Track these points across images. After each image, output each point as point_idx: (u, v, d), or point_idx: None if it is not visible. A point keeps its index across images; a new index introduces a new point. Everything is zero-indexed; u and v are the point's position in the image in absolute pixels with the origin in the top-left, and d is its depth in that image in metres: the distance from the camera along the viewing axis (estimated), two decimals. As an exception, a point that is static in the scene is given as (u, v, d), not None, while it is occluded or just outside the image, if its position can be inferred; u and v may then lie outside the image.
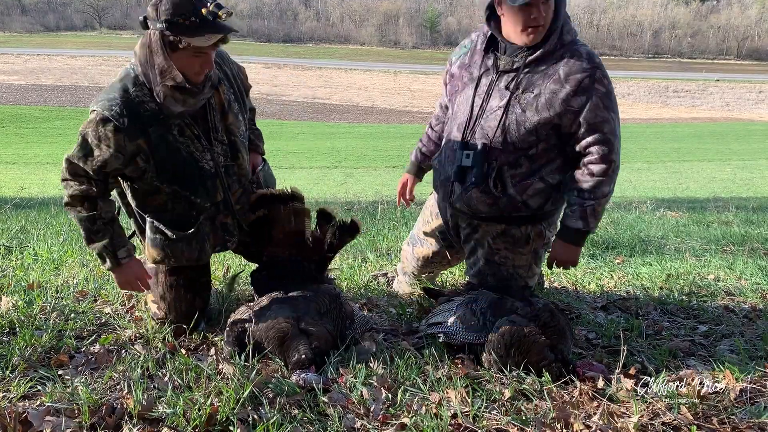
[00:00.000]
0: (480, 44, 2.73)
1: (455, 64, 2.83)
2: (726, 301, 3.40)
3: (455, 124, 2.74)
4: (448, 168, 2.77)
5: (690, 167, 23.41)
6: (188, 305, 2.69)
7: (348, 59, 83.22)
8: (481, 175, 2.63)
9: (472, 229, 2.88)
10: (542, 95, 2.51)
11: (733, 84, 70.36)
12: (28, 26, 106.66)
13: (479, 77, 2.66)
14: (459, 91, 2.75)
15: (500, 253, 2.82)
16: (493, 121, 2.58)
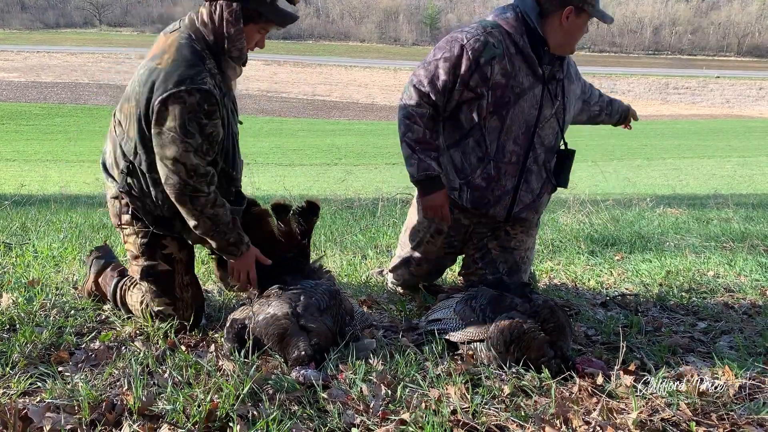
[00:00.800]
0: (515, 47, 2.62)
1: (493, 69, 2.60)
2: (725, 297, 3.41)
3: (509, 138, 2.73)
4: (506, 182, 2.79)
5: (690, 164, 23.39)
6: (200, 300, 2.75)
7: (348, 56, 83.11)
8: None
9: (492, 231, 2.98)
10: (571, 96, 2.85)
11: (733, 81, 70.30)
12: (28, 23, 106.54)
13: (530, 87, 2.69)
14: (511, 103, 2.65)
15: (517, 238, 2.97)
16: (549, 129, 2.78)
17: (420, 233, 3.04)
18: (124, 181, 2.52)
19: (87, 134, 32.36)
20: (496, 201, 2.81)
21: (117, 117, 2.54)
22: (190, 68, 2.30)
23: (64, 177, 16.10)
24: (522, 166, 2.76)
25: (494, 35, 2.61)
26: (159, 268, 2.62)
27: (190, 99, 2.27)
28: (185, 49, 2.35)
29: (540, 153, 2.80)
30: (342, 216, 6.41)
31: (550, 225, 5.75)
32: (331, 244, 4.80)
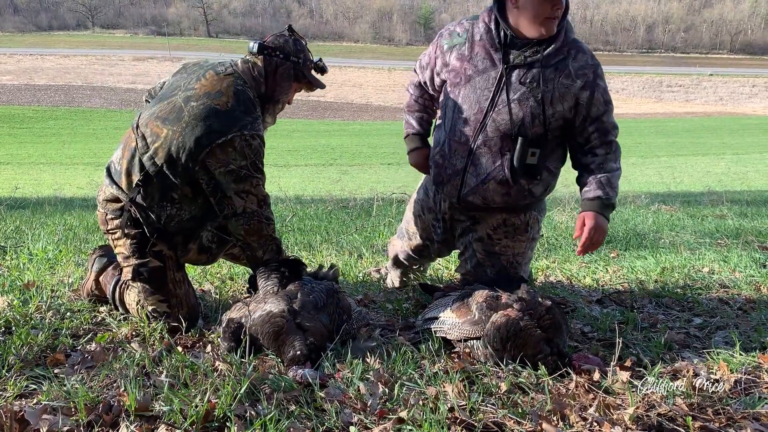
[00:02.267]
0: (482, 35, 2.69)
1: (452, 55, 2.77)
2: (720, 293, 3.42)
3: (460, 118, 2.73)
4: (456, 162, 2.78)
5: (684, 161, 23.47)
6: (194, 297, 2.79)
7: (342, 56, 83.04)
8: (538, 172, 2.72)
9: (472, 221, 2.92)
10: (556, 89, 2.62)
11: (726, 78, 70.57)
12: (21, 26, 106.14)
13: (485, 70, 2.67)
14: (462, 83, 2.72)
15: (501, 243, 2.89)
16: (506, 114, 2.64)
17: (416, 205, 3.19)
18: (137, 192, 2.58)
19: (81, 137, 32.25)
20: (447, 179, 2.84)
21: (141, 130, 2.59)
22: (249, 114, 2.56)
23: (58, 180, 16.03)
24: (470, 148, 2.73)
25: (464, 25, 2.78)
26: (150, 264, 2.64)
27: (254, 142, 2.53)
28: (243, 96, 2.58)
29: (493, 137, 2.67)
30: (338, 216, 6.41)
31: (545, 223, 5.76)
32: (327, 244, 4.80)
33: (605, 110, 2.69)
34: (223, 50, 71.65)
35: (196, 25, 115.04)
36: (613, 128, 2.72)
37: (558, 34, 2.63)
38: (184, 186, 2.56)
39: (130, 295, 2.75)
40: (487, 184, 2.74)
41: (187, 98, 2.54)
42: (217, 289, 3.32)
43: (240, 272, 3.61)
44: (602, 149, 2.70)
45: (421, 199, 3.15)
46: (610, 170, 2.69)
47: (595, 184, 2.68)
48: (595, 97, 2.65)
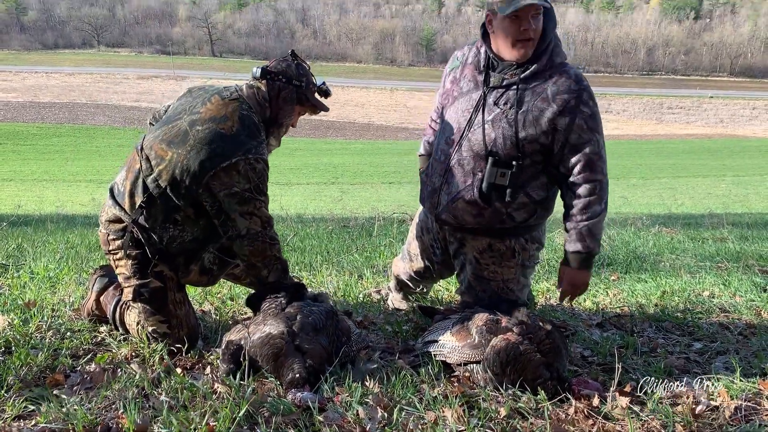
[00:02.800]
0: (472, 58, 2.77)
1: (448, 78, 2.88)
2: (721, 318, 3.41)
3: (443, 137, 2.81)
4: (435, 179, 2.84)
5: (685, 183, 23.53)
6: (194, 318, 2.80)
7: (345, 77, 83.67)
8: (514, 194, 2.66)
9: (459, 243, 2.94)
10: (529, 112, 2.57)
11: (726, 100, 70.93)
12: (27, 44, 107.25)
13: (468, 92, 2.73)
14: (449, 105, 2.81)
15: (489, 269, 2.88)
16: (479, 135, 2.65)
17: (417, 225, 3.21)
18: (140, 213, 2.60)
19: (84, 154, 32.42)
20: (428, 196, 2.90)
21: (146, 152, 2.62)
22: (254, 139, 2.59)
23: (61, 197, 16.09)
24: (447, 166, 2.76)
25: (464, 50, 2.86)
26: (151, 285, 2.65)
27: (258, 166, 2.57)
28: (248, 120, 2.62)
29: (466, 156, 2.68)
30: (338, 236, 6.41)
31: (546, 245, 5.75)
32: (328, 264, 4.80)
33: (589, 139, 2.56)
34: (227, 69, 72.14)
35: (201, 45, 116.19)
36: (599, 161, 2.58)
37: (539, 57, 2.58)
38: (187, 208, 2.58)
39: (130, 315, 2.76)
40: (456, 203, 2.75)
41: (192, 122, 2.57)
42: (217, 309, 3.32)
43: (240, 293, 3.61)
44: (585, 188, 2.59)
45: (421, 221, 3.17)
46: (593, 215, 2.60)
47: (576, 236, 2.63)
48: (575, 124, 2.54)
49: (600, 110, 2.71)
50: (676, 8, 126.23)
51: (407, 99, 67.30)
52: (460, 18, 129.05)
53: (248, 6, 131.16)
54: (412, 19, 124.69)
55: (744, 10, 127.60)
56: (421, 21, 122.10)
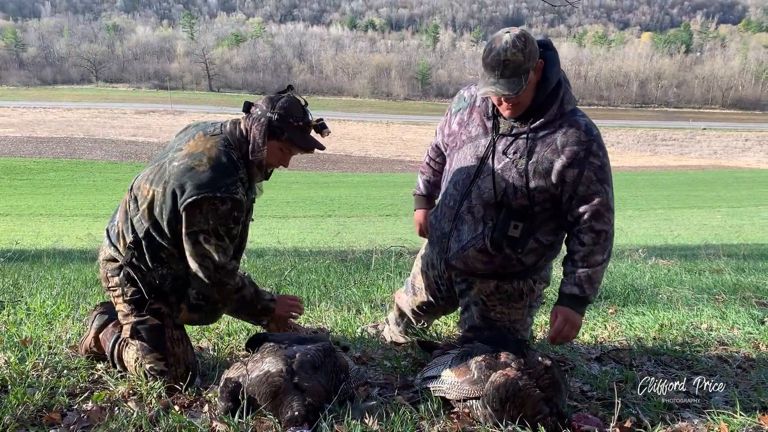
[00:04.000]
0: (480, 102, 2.75)
1: (455, 119, 2.85)
2: (719, 351, 3.41)
3: (452, 183, 2.79)
4: (444, 224, 2.83)
5: (681, 214, 23.62)
6: (192, 355, 2.77)
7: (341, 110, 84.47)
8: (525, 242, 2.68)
9: (466, 285, 2.93)
10: (539, 164, 2.56)
11: (719, 132, 71.73)
12: (26, 80, 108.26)
13: (477, 137, 2.71)
14: (458, 148, 2.79)
15: (496, 309, 2.87)
16: (489, 183, 2.64)
17: (422, 260, 3.19)
18: (130, 254, 2.62)
19: (81, 188, 32.46)
20: (437, 241, 2.91)
21: (134, 192, 2.64)
22: (225, 177, 2.47)
23: (57, 231, 16.06)
24: (456, 212, 2.77)
25: (470, 90, 2.83)
26: (149, 323, 2.65)
27: (223, 207, 2.46)
28: (223, 157, 2.52)
29: (476, 204, 2.68)
30: (336, 270, 6.41)
31: (543, 278, 5.77)
32: (326, 299, 4.79)
33: (597, 191, 2.55)
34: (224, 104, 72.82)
35: (198, 80, 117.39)
36: (607, 212, 2.57)
37: (549, 106, 2.57)
38: (170, 246, 2.58)
39: (128, 352, 2.75)
40: (467, 251, 2.75)
41: (172, 159, 2.55)
42: (215, 346, 3.30)
43: (238, 328, 3.60)
44: (590, 237, 2.58)
45: (427, 254, 3.16)
46: (594, 264, 2.59)
47: (574, 280, 2.62)
48: (584, 176, 2.53)
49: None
50: (667, 42, 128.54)
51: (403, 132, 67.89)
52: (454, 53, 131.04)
53: (245, 41, 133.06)
54: (407, 54, 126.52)
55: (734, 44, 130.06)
56: (416, 56, 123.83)
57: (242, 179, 2.55)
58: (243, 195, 2.52)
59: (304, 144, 2.58)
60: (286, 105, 2.56)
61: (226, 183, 2.45)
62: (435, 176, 3.15)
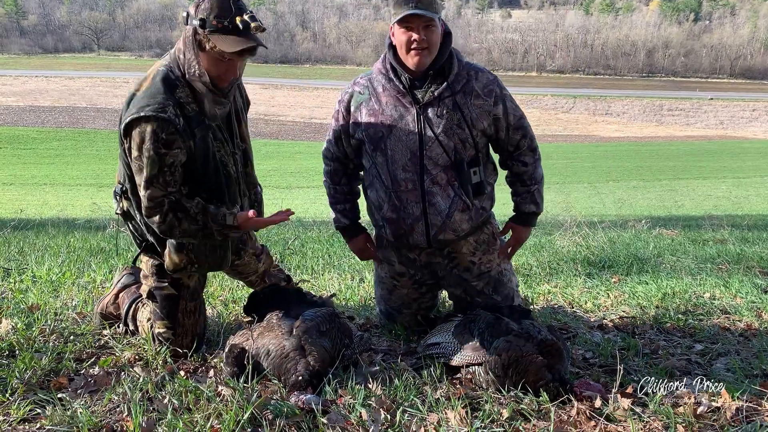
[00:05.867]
0: (383, 87, 2.76)
1: (361, 113, 2.79)
2: (722, 319, 3.42)
3: (397, 167, 2.75)
4: (412, 209, 2.79)
5: (686, 185, 23.54)
6: (202, 328, 2.78)
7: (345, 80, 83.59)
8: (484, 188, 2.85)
9: (449, 259, 2.94)
10: (472, 111, 2.74)
11: (726, 102, 70.96)
12: (27, 48, 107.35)
13: (402, 116, 2.72)
14: (385, 136, 2.75)
15: (483, 261, 2.96)
16: (438, 149, 2.72)
17: (385, 280, 3.10)
18: (119, 203, 2.61)
19: (84, 158, 32.43)
20: (410, 229, 2.83)
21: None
22: (154, 97, 2.32)
23: (62, 201, 16.11)
24: (421, 191, 2.76)
25: (360, 83, 2.85)
26: (165, 291, 2.66)
27: (148, 127, 2.29)
28: (159, 77, 2.38)
29: (437, 173, 2.73)
30: (339, 239, 6.42)
31: (547, 247, 5.77)
32: (329, 267, 4.82)
33: (521, 114, 2.86)
34: (227, 73, 71.99)
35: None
36: (532, 130, 2.90)
37: (450, 61, 2.73)
38: None
39: (143, 312, 2.79)
40: (453, 217, 2.79)
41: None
42: (219, 312, 3.33)
43: (242, 296, 3.62)
44: (530, 157, 2.89)
45: (387, 271, 3.06)
46: (540, 179, 2.94)
47: (530, 198, 2.94)
48: (507, 107, 2.80)
49: (600, 112, 2.92)
50: (676, 10, 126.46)
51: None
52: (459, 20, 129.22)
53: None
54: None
55: (743, 12, 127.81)
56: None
57: (180, 99, 2.37)
58: (174, 115, 2.32)
59: (230, 47, 2.29)
60: (209, 6, 2.29)
61: (151, 103, 2.30)
62: (351, 202, 3.05)
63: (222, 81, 2.41)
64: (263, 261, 3.02)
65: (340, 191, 3.03)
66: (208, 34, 2.29)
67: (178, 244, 2.55)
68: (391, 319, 3.15)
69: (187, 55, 2.36)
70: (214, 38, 2.28)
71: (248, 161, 2.73)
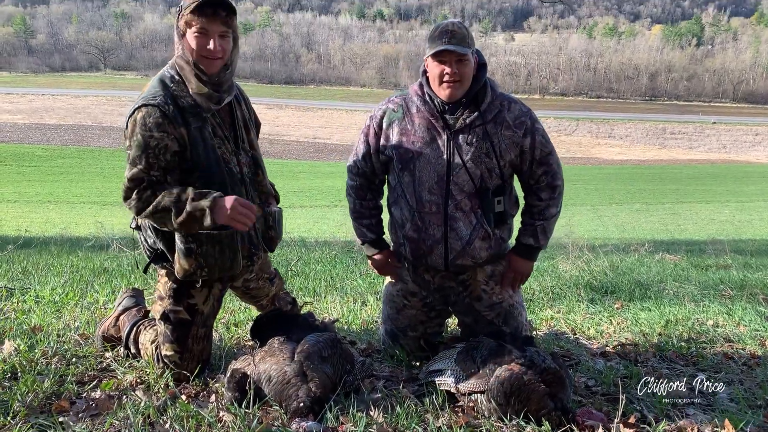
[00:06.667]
0: (416, 108, 2.82)
1: (393, 131, 2.84)
2: (725, 348, 3.41)
3: (423, 188, 2.79)
4: (434, 231, 2.82)
5: (689, 208, 23.52)
6: (207, 354, 2.78)
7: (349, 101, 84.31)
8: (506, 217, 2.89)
9: (463, 286, 2.96)
10: (502, 141, 2.78)
11: (729, 126, 71.18)
12: (34, 67, 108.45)
13: (432, 140, 2.77)
14: (414, 157, 2.79)
15: (495, 292, 2.97)
16: (465, 175, 2.76)
17: (396, 298, 3.11)
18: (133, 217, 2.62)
19: (89, 175, 32.58)
20: (429, 250, 2.87)
21: None
22: (147, 92, 2.46)
23: (65, 218, 16.15)
24: (445, 215, 2.80)
25: (394, 102, 2.91)
26: (180, 315, 2.65)
27: (138, 114, 2.39)
28: (156, 78, 2.52)
29: (461, 199, 2.78)
30: (342, 261, 6.43)
31: (549, 272, 5.77)
32: (332, 290, 4.82)
33: (549, 151, 2.85)
34: (232, 93, 72.60)
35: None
36: (559, 168, 2.89)
37: (484, 91, 2.77)
38: None
39: (146, 335, 2.79)
40: (473, 244, 2.83)
41: None
42: (221, 336, 3.33)
43: (244, 319, 3.62)
44: (546, 193, 2.88)
45: (398, 290, 3.09)
46: (549, 217, 2.90)
47: (531, 231, 2.92)
48: (536, 141, 2.81)
49: (603, 135, 2.94)
50: (678, 35, 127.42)
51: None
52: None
53: (254, 30, 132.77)
54: (415, 43, 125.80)
55: (745, 37, 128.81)
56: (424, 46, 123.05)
57: (173, 92, 2.46)
58: (164, 103, 2.40)
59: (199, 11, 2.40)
60: None
61: (145, 95, 2.44)
62: (375, 217, 3.09)
63: (205, 59, 2.46)
64: (276, 284, 3.05)
65: (366, 206, 3.07)
66: (184, 15, 2.43)
67: (187, 248, 2.53)
68: (394, 340, 3.14)
69: (177, 49, 2.50)
70: (187, 15, 2.43)
71: (258, 168, 2.75)
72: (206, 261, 2.56)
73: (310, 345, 2.49)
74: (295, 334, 2.62)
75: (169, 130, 2.40)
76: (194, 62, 2.46)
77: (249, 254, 2.72)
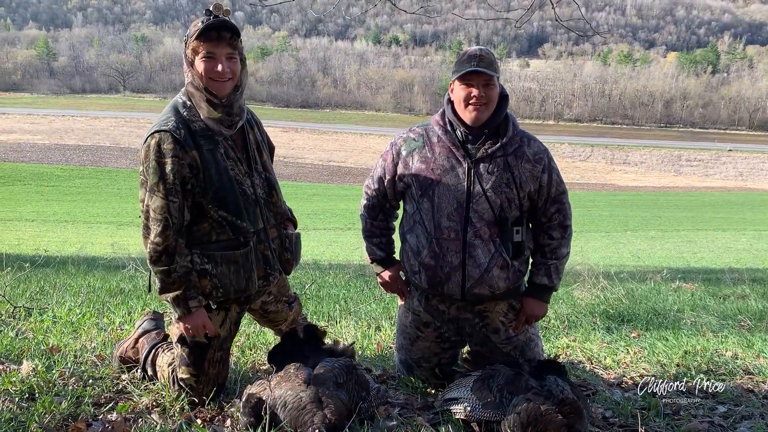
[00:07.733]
0: (437, 137, 2.86)
1: (413, 159, 2.88)
2: (745, 380, 3.36)
3: (442, 215, 2.81)
4: (452, 258, 2.82)
5: (705, 236, 23.26)
6: (223, 378, 2.79)
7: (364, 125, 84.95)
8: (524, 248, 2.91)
9: (480, 317, 2.95)
10: (522, 174, 2.82)
11: (746, 154, 70.77)
12: (55, 88, 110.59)
13: (453, 168, 2.80)
14: (434, 184, 2.82)
15: (512, 325, 2.98)
16: (485, 204, 2.78)
17: (408, 329, 3.11)
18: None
19: (105, 196, 32.95)
20: (446, 278, 2.86)
21: None
22: (161, 119, 2.51)
23: (82, 238, 16.31)
24: (463, 242, 2.81)
25: (416, 131, 2.96)
26: (197, 339, 2.65)
27: (152, 141, 2.45)
28: (169, 105, 2.59)
29: (480, 227, 2.78)
30: (356, 285, 6.43)
31: (565, 299, 5.73)
32: (346, 314, 4.81)
33: (563, 190, 2.91)
34: (248, 115, 73.54)
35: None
36: (570, 209, 2.94)
37: (506, 124, 2.83)
38: None
39: (163, 357, 2.81)
40: (491, 272, 2.83)
41: None
42: (237, 359, 3.33)
43: (258, 342, 3.62)
44: (558, 233, 2.92)
45: (412, 320, 3.09)
46: (561, 256, 2.93)
47: (544, 271, 2.94)
48: (552, 179, 2.87)
49: (618, 161, 2.97)
50: (693, 62, 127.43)
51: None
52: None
53: (271, 55, 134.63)
54: (430, 69, 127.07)
55: (761, 65, 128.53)
56: (439, 71, 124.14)
57: (185, 118, 2.51)
58: (176, 127, 2.46)
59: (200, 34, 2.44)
60: (189, 26, 2.51)
61: (157, 123, 2.49)
62: (386, 236, 3.16)
63: (215, 82, 2.50)
64: (294, 309, 3.06)
65: (377, 226, 3.14)
66: (190, 43, 2.49)
67: (201, 269, 2.56)
68: (409, 370, 3.14)
69: (187, 76, 2.55)
70: (193, 42, 2.48)
71: (273, 190, 2.77)
72: (221, 281, 2.59)
73: (326, 371, 2.49)
74: (312, 358, 2.63)
75: (181, 155, 2.45)
76: (204, 87, 2.50)
77: (265, 275, 2.73)
